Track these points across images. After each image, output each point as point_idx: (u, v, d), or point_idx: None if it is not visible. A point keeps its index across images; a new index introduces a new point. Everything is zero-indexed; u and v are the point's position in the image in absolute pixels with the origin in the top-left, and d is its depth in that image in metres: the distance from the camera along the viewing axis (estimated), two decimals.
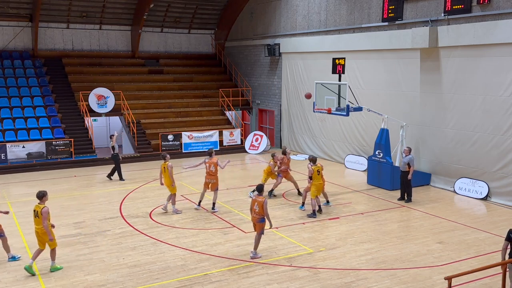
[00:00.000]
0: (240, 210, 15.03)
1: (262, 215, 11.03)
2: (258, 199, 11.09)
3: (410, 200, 15.85)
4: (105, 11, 27.75)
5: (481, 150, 16.39)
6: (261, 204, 10.98)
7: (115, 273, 10.50)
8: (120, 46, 29.35)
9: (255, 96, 28.64)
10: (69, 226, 13.63)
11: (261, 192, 11.28)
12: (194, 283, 9.99)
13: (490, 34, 15.68)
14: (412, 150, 16.27)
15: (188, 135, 24.63)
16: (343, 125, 22.01)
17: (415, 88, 18.55)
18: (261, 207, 10.97)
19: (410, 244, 12.17)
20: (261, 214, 11.02)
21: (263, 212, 10.97)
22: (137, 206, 15.64)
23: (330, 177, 19.41)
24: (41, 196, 10.50)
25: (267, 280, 10.13)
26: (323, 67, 22.13)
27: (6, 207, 15.62)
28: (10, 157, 21.00)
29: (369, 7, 20.26)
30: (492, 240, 12.41)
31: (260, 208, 10.99)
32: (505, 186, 15.73)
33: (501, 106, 15.66)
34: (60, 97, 25.19)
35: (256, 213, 11.10)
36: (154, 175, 20.10)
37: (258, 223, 11.13)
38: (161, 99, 27.31)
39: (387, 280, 10.12)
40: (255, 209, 11.12)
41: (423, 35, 17.26)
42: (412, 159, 15.74)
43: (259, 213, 11.04)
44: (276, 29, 26.07)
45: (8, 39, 26.43)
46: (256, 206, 11.08)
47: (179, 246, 12.07)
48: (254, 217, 11.16)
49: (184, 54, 31.20)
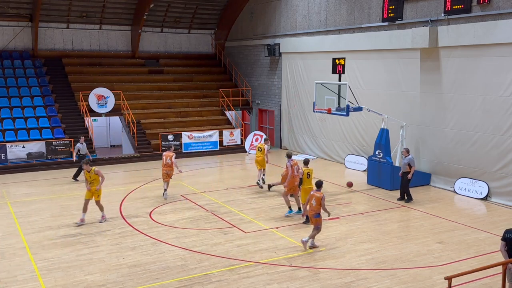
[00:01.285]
0: (240, 210, 15.03)
1: (317, 211, 11.45)
2: (316, 194, 11.55)
3: (410, 199, 15.85)
4: (105, 11, 27.75)
5: (481, 150, 16.38)
6: (318, 199, 11.42)
7: (115, 273, 10.50)
8: (120, 46, 29.35)
9: (255, 96, 28.64)
10: (69, 226, 13.63)
11: (320, 188, 11.74)
12: (194, 283, 9.99)
13: (490, 34, 15.68)
14: (410, 150, 16.29)
15: (188, 135, 24.63)
16: (343, 125, 22.01)
17: (415, 88, 18.55)
18: (318, 202, 11.39)
19: (410, 244, 12.17)
20: (317, 210, 11.42)
21: (319, 207, 11.39)
22: (137, 206, 15.64)
23: (330, 177, 19.45)
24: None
25: (267, 280, 10.13)
26: (323, 67, 22.14)
27: (6, 207, 15.64)
28: (10, 157, 21.00)
29: (369, 7, 20.26)
30: (492, 240, 12.40)
31: (317, 203, 11.40)
32: (505, 186, 15.73)
33: (501, 106, 15.66)
34: (60, 97, 25.20)
35: (312, 208, 11.49)
36: (154, 175, 20.11)
37: (314, 218, 11.55)
38: (161, 99, 27.31)
39: (387, 280, 10.12)
40: (312, 204, 11.51)
41: (423, 35, 17.26)
42: (412, 159, 15.75)
43: (315, 209, 11.44)
44: (276, 29, 26.08)
45: (8, 39, 26.43)
46: (313, 201, 11.49)
47: (179, 246, 12.07)
48: (310, 212, 11.58)
49: (184, 54, 31.20)
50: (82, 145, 19.31)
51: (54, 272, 10.59)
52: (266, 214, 14.67)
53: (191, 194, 17.07)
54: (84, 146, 19.40)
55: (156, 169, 21.42)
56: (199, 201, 16.15)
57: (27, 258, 11.26)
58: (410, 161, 15.66)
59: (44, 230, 13.34)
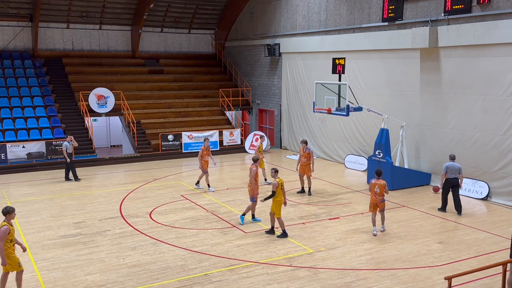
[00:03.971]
0: (240, 210, 15.01)
1: (383, 196, 12.71)
2: (378, 182, 12.73)
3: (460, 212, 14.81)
4: (105, 11, 27.75)
5: (481, 150, 16.38)
6: (382, 186, 12.66)
7: (115, 273, 10.49)
8: (120, 46, 29.35)
9: (255, 96, 28.64)
10: (69, 226, 13.64)
11: (380, 176, 12.88)
12: (194, 283, 9.99)
13: (490, 34, 15.68)
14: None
15: (188, 135, 24.62)
16: (343, 125, 22.01)
17: (415, 88, 18.55)
18: (382, 189, 12.65)
19: (410, 244, 12.16)
20: (382, 195, 12.69)
21: (383, 193, 12.68)
22: (137, 206, 15.64)
23: (330, 177, 19.45)
24: (5, 213, 9.29)
25: (267, 280, 10.13)
26: (323, 67, 22.14)
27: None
28: (10, 157, 21.00)
29: (369, 7, 20.26)
30: (492, 240, 12.41)
31: (381, 189, 12.66)
32: (505, 186, 15.72)
33: (501, 106, 15.66)
34: (60, 97, 25.20)
35: (378, 195, 12.71)
36: (154, 175, 20.12)
37: (381, 203, 12.77)
38: (161, 99, 27.31)
39: (387, 280, 10.11)
40: (376, 191, 12.73)
41: (423, 35, 17.25)
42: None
43: (380, 194, 12.70)
44: (276, 29, 26.08)
45: (8, 39, 26.43)
46: (376, 188, 12.69)
47: (179, 246, 12.07)
48: (377, 198, 12.73)
49: (184, 54, 31.20)
50: (69, 144, 19.19)
51: (54, 272, 10.60)
52: (266, 214, 14.65)
53: (191, 194, 17.07)
54: (70, 144, 19.23)
55: (156, 169, 21.45)
56: (199, 201, 16.16)
57: (27, 258, 11.25)
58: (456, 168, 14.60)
59: (44, 230, 13.35)
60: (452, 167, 14.45)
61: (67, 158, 19.01)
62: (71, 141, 19.35)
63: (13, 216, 9.47)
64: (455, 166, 14.47)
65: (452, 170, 14.43)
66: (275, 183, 12.41)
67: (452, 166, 14.45)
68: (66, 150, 19.09)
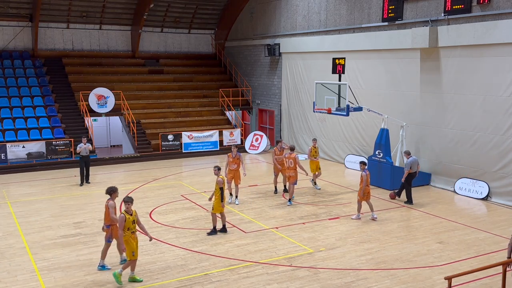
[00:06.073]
0: (240, 210, 15.02)
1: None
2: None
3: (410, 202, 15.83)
4: (105, 11, 27.75)
5: (481, 150, 16.38)
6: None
7: None
8: (120, 46, 29.35)
9: (255, 96, 28.64)
10: (69, 226, 13.63)
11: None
12: (194, 283, 9.99)
13: (490, 34, 15.68)
14: (410, 151, 16.26)
15: (188, 135, 24.63)
16: (343, 125, 22.01)
17: (415, 88, 18.55)
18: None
19: (410, 244, 12.17)
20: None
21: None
22: (137, 206, 15.55)
23: (330, 177, 19.45)
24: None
25: (267, 280, 10.13)
26: (323, 67, 22.14)
27: (6, 207, 15.64)
28: (10, 157, 21.00)
29: (369, 7, 20.26)
30: (492, 240, 12.41)
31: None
32: (505, 186, 15.72)
33: (501, 106, 15.66)
34: (60, 97, 25.20)
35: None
36: (154, 175, 20.11)
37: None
38: (161, 99, 27.31)
39: (387, 280, 10.12)
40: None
41: (423, 35, 17.26)
42: (413, 161, 15.68)
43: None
44: (276, 29, 26.08)
45: (8, 39, 26.43)
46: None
47: (179, 246, 12.07)
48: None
49: (184, 54, 31.20)
50: (86, 146, 18.49)
51: (54, 272, 10.59)
52: (266, 214, 14.67)
53: (191, 194, 17.07)
54: (87, 147, 18.51)
55: (156, 169, 21.45)
56: (199, 201, 16.16)
57: (27, 258, 11.26)
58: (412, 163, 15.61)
59: (44, 230, 13.34)
60: (415, 161, 15.66)
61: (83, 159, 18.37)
62: (86, 143, 18.57)
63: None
64: (416, 160, 15.71)
65: (415, 164, 15.65)
66: (220, 180, 12.57)
67: (415, 161, 15.65)
68: (80, 153, 18.44)
